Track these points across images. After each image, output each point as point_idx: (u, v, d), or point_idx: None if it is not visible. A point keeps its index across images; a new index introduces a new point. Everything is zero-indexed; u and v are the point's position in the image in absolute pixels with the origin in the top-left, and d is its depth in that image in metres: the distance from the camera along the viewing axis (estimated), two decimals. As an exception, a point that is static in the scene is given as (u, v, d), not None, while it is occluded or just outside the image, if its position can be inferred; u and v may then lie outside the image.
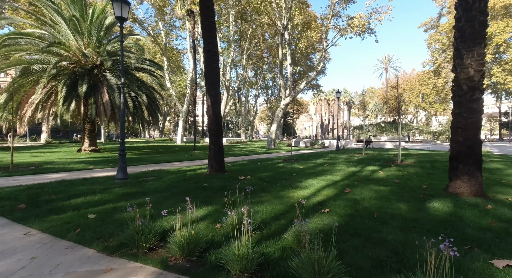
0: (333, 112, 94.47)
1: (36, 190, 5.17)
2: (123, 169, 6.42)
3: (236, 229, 2.86)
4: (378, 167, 8.03)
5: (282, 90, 23.10)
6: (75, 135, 41.48)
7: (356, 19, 22.08)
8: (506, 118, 56.74)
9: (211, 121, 7.37)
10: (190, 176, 7.03)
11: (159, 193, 4.99)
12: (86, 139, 14.59)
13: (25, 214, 3.72)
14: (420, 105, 63.13)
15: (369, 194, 4.42)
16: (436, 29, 42.63)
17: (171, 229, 3.06)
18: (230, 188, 5.32)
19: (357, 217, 3.25)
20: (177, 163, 10.79)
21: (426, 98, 61.11)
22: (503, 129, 60.68)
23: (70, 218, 3.53)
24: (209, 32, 7.27)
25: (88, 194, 4.84)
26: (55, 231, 3.12)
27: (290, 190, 5.00)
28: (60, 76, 12.82)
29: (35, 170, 7.79)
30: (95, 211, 3.84)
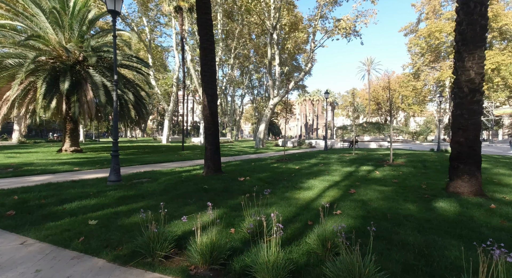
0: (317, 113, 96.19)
1: (22, 194, 4.78)
2: (116, 171, 6.10)
3: (256, 234, 2.78)
4: (372, 167, 8.21)
5: (270, 90, 23.14)
6: (51, 135, 39.23)
7: (343, 21, 22.55)
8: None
9: (207, 120, 7.19)
10: (186, 177, 6.82)
11: (159, 196, 4.78)
12: (67, 138, 13.80)
13: (16, 221, 3.41)
14: (400, 106, 65.73)
15: (374, 194, 4.48)
16: (415, 34, 44.54)
17: (185, 235, 2.92)
18: (232, 190, 5.22)
19: (370, 218, 3.26)
20: (168, 163, 10.46)
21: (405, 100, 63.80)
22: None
23: (70, 225, 3.28)
24: (206, 29, 7.09)
25: (82, 198, 4.54)
26: (55, 239, 2.88)
27: (294, 191, 4.97)
28: (39, 72, 12.02)
29: (14, 172, 7.23)
30: (95, 217, 3.59)
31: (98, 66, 13.64)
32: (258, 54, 35.54)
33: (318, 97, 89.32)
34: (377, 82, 74.80)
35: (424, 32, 40.27)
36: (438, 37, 39.07)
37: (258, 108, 50.86)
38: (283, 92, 23.94)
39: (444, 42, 39.76)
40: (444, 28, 38.24)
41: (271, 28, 20.46)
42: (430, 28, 39.44)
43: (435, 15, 42.31)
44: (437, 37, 39.11)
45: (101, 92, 12.29)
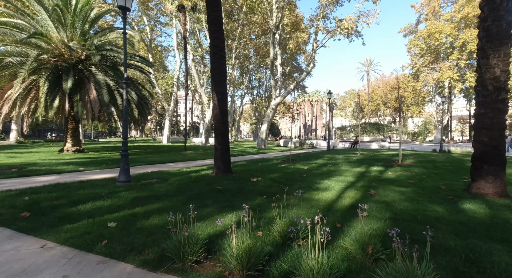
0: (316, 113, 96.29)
1: (33, 195, 4.63)
2: (125, 171, 5.97)
3: (288, 237, 2.66)
4: (383, 168, 8.14)
5: (272, 90, 23.05)
6: (49, 134, 38.80)
7: (345, 21, 22.53)
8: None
9: (217, 119, 7.07)
10: (196, 178, 6.70)
11: (173, 197, 4.65)
12: (69, 138, 13.60)
13: (31, 223, 3.27)
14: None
15: (395, 196, 4.39)
16: (414, 35, 44.67)
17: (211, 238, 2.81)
18: (246, 191, 5.10)
19: (400, 221, 3.17)
20: (173, 164, 10.33)
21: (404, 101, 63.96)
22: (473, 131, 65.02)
23: (88, 228, 3.15)
24: (216, 26, 6.97)
25: (95, 199, 4.40)
26: (76, 243, 2.75)
27: (312, 192, 4.86)
28: (41, 70, 11.83)
29: (19, 173, 7.05)
30: (112, 219, 3.46)
31: (101, 65, 13.46)
32: (258, 54, 35.44)
33: (317, 97, 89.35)
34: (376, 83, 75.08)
35: (423, 33, 40.39)
36: (438, 38, 39.18)
37: (258, 109, 50.76)
38: (285, 92, 23.86)
39: (443, 43, 39.87)
40: (444, 29, 38.36)
41: (274, 27, 20.37)
42: (430, 29, 39.57)
43: (434, 16, 42.45)
44: (437, 38, 39.22)
45: (104, 91, 12.12)
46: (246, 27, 26.55)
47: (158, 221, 3.40)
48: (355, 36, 25.52)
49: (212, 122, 32.86)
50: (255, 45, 32.64)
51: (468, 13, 35.86)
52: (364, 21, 23.64)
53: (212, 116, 26.18)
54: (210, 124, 25.77)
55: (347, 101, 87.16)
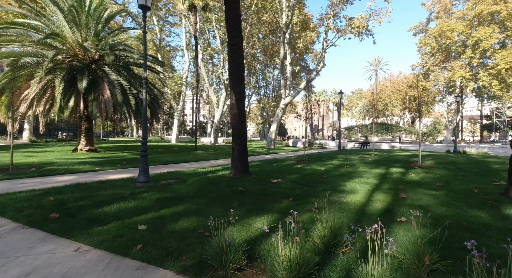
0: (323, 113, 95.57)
1: (57, 195, 4.61)
2: (145, 172, 5.93)
3: (330, 244, 2.54)
4: (403, 169, 7.93)
5: (282, 89, 22.88)
6: (60, 134, 39.42)
7: (356, 19, 22.21)
8: (487, 120, 59.40)
9: (235, 119, 6.98)
10: (214, 178, 6.62)
11: (196, 199, 4.57)
12: (82, 138, 13.72)
13: (61, 225, 3.22)
14: (407, 107, 65.03)
15: (428, 199, 4.22)
16: (425, 33, 43.85)
17: (249, 244, 2.70)
18: (270, 193, 4.99)
19: (444, 227, 3.00)
20: (186, 164, 10.29)
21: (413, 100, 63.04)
22: (484, 131, 63.61)
23: (119, 230, 3.08)
24: (234, 24, 6.88)
25: (118, 200, 4.35)
26: (110, 246, 2.68)
27: (338, 194, 4.72)
28: (56, 71, 11.95)
29: (39, 172, 7.10)
30: (141, 221, 3.39)
31: (114, 65, 13.54)
32: (266, 54, 35.26)
33: (324, 97, 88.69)
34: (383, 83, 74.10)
35: (434, 31, 39.56)
36: (450, 37, 38.32)
37: (265, 108, 50.62)
38: (295, 92, 23.67)
39: (455, 41, 38.97)
40: (456, 27, 37.50)
41: (284, 26, 20.20)
42: (441, 27, 38.73)
43: (446, 14, 41.54)
44: (449, 36, 38.36)
45: (118, 91, 12.17)
46: (254, 26, 26.43)
47: (187, 224, 3.32)
48: (366, 35, 25.18)
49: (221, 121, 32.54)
50: (263, 45, 32.49)
51: (482, 10, 34.98)
52: (375, 19, 23.27)
53: (220, 116, 26.19)
54: (218, 124, 25.76)
55: (354, 101, 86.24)
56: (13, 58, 11.10)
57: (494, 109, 52.82)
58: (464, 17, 38.23)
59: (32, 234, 3.01)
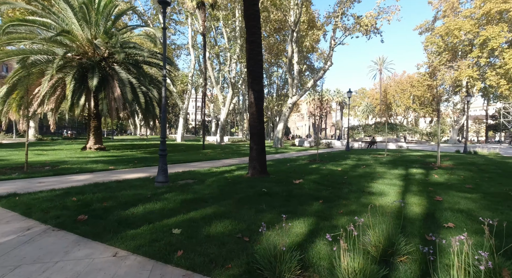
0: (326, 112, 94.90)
1: (78, 195, 4.50)
2: (164, 171, 5.80)
3: (387, 253, 2.39)
4: (423, 170, 7.76)
5: (289, 88, 22.69)
6: (65, 132, 39.45)
7: (365, 17, 21.95)
8: (493, 120, 58.83)
9: (253, 118, 6.83)
10: (232, 179, 6.48)
11: (222, 201, 4.43)
12: (91, 136, 13.64)
13: (92, 227, 3.10)
14: (411, 107, 64.59)
15: (467, 203, 4.06)
16: (431, 32, 43.39)
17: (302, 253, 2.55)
18: (295, 194, 4.85)
19: (501, 235, 2.84)
20: (197, 163, 10.18)
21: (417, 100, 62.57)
22: (490, 131, 63.04)
23: (154, 234, 2.96)
24: (253, 21, 6.73)
25: (142, 201, 4.23)
26: (149, 252, 2.55)
27: (368, 197, 4.58)
28: (66, 68, 11.86)
29: (54, 171, 7.01)
30: (172, 224, 3.27)
31: (123, 63, 13.42)
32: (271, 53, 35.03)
33: (327, 96, 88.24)
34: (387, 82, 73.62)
35: (441, 30, 39.08)
36: (457, 35, 37.85)
37: (269, 107, 50.43)
38: (302, 91, 23.48)
39: (462, 40, 38.48)
40: (464, 26, 37.02)
41: (293, 25, 19.99)
42: (449, 26, 38.25)
43: (453, 13, 41.03)
44: (456, 35, 37.89)
45: (128, 89, 12.06)
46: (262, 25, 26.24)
47: (222, 228, 3.18)
48: (374, 33, 24.92)
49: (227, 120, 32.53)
50: (268, 43, 32.26)
51: (490, 8, 34.52)
52: (384, 17, 23.00)
53: (226, 115, 26.05)
54: (225, 123, 25.62)
55: (357, 100, 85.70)
56: (24, 55, 11.01)
57: (500, 109, 52.27)
58: (471, 15, 37.77)
59: (64, 237, 2.89)
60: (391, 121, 67.04)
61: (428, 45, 43.35)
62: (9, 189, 4.87)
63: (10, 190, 4.77)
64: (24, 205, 3.85)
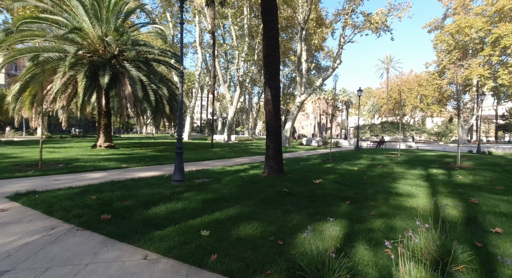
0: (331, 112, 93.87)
1: (97, 194, 4.40)
2: (180, 170, 5.68)
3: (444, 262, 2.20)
4: (443, 170, 7.51)
5: (298, 87, 22.46)
6: (73, 130, 39.80)
7: (376, 14, 21.57)
8: (503, 120, 57.60)
9: (270, 116, 6.67)
10: (249, 178, 6.34)
11: (244, 201, 4.29)
12: (101, 134, 13.63)
13: (117, 228, 2.98)
14: (419, 106, 63.73)
15: (505, 206, 3.85)
16: (440, 30, 42.61)
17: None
18: (319, 194, 4.68)
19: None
20: (209, 161, 10.07)
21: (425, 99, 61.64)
22: (499, 131, 61.74)
23: (181, 236, 2.82)
24: (271, 16, 6.55)
25: (163, 201, 4.11)
26: (181, 255, 2.41)
27: (396, 198, 4.39)
28: (77, 66, 11.84)
29: (68, 169, 6.95)
30: (198, 225, 3.14)
31: (133, 60, 13.37)
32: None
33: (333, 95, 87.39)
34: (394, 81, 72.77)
35: (452, 28, 38.28)
36: (468, 33, 37.06)
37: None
38: (311, 89, 23.22)
39: (473, 38, 37.66)
40: (475, 23, 36.20)
41: (302, 22, 19.73)
42: (459, 24, 37.44)
43: (463, 10, 40.18)
44: (467, 33, 37.10)
45: (138, 86, 11.99)
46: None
47: (251, 230, 3.03)
48: (383, 31, 24.51)
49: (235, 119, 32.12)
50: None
51: (504, 5, 33.69)
52: (395, 14, 22.59)
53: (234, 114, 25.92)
54: (232, 121, 25.50)
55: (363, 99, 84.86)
56: (36, 53, 11.01)
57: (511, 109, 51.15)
58: (483, 13, 36.96)
59: (90, 237, 2.77)
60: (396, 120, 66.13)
61: (437, 43, 42.57)
62: (27, 187, 4.81)
63: (28, 188, 4.70)
64: (45, 203, 3.75)
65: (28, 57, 11.45)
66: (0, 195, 4.24)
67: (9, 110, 11.08)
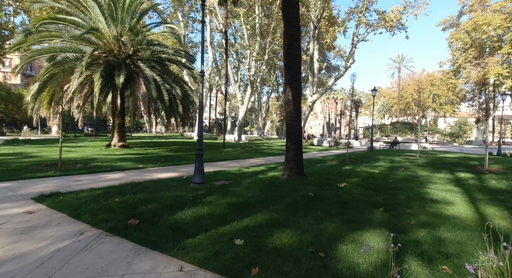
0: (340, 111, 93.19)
1: (119, 196, 4.32)
2: (201, 172, 5.56)
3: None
4: (471, 174, 7.16)
5: (310, 86, 22.14)
6: (86, 129, 40.50)
7: (391, 12, 21.04)
8: (521, 120, 55.56)
9: (291, 117, 6.48)
10: (269, 180, 6.17)
11: (271, 206, 4.12)
12: (115, 133, 13.72)
13: (146, 234, 2.87)
14: (431, 106, 62.26)
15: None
16: (456, 28, 41.40)
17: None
18: (347, 200, 4.47)
19: None
20: (223, 162, 9.96)
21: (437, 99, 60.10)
22: (517, 132, 59.62)
23: (215, 245, 2.68)
24: (292, 13, 6.36)
25: (188, 205, 3.98)
26: (218, 267, 2.27)
27: (433, 205, 4.14)
28: (93, 66, 11.92)
29: (87, 169, 6.95)
30: (230, 233, 2.99)
31: (147, 60, 13.38)
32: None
33: (342, 95, 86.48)
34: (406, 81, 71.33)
35: (468, 25, 37.07)
36: (486, 31, 35.85)
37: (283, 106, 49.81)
38: (323, 89, 22.87)
39: (491, 36, 36.40)
40: (494, 21, 34.96)
41: (315, 20, 19.41)
42: (476, 21, 36.24)
43: (481, 7, 38.88)
44: (485, 30, 35.89)
45: (152, 86, 11.98)
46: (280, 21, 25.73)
47: (287, 239, 2.86)
48: (398, 29, 23.93)
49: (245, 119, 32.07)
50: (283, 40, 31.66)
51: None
52: (411, 12, 22.00)
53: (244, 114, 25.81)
54: (243, 121, 25.40)
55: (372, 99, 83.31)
56: (53, 53, 11.13)
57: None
58: (501, 9, 35.68)
59: (120, 244, 2.66)
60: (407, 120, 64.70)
61: (453, 42, 41.38)
62: (50, 187, 4.78)
63: (51, 189, 4.67)
64: (70, 206, 3.68)
65: (45, 57, 11.61)
66: (26, 196, 4.21)
67: (28, 110, 11.26)
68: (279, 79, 49.53)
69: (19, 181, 5.25)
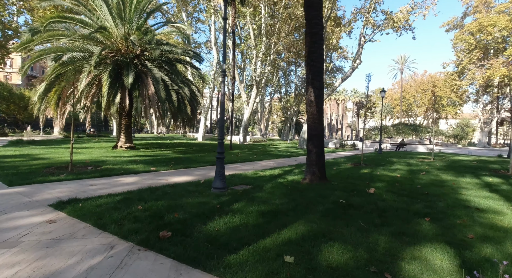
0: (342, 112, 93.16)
1: (140, 202, 4.05)
2: (221, 177, 5.27)
3: None
4: (500, 179, 6.90)
5: (316, 87, 21.88)
6: (88, 129, 40.16)
7: (400, 12, 20.82)
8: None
9: (313, 118, 6.20)
10: (292, 185, 5.88)
11: (305, 214, 3.85)
12: (122, 135, 13.44)
13: (184, 249, 2.59)
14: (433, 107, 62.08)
15: None
16: (459, 29, 41.25)
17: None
18: (384, 208, 4.19)
19: None
20: (236, 165, 9.67)
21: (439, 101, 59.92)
22: (520, 134, 59.38)
23: (262, 263, 2.40)
24: (316, 10, 6.10)
25: (217, 214, 3.70)
26: (276, 290, 1.98)
27: (482, 215, 3.88)
28: (101, 66, 11.65)
29: (99, 172, 6.66)
30: (274, 247, 2.72)
31: (155, 60, 13.12)
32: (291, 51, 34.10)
33: (344, 96, 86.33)
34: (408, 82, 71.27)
35: (472, 26, 36.89)
36: (491, 32, 35.66)
37: (286, 107, 49.54)
38: (329, 90, 22.61)
39: (496, 37, 36.22)
40: (499, 21, 34.78)
41: (323, 21, 19.15)
42: (481, 22, 36.06)
43: (485, 8, 38.71)
44: (490, 32, 35.70)
45: (161, 86, 11.72)
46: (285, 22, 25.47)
47: (339, 256, 2.58)
48: (404, 30, 23.69)
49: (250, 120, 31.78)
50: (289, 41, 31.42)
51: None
52: (419, 12, 21.78)
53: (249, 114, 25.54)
54: (248, 122, 25.13)
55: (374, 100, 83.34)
56: (60, 53, 10.88)
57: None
58: (505, 11, 35.51)
59: (157, 262, 2.38)
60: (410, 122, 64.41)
61: (457, 43, 41.22)
62: (66, 193, 4.51)
63: (67, 194, 4.40)
64: (93, 215, 3.40)
65: (52, 56, 11.35)
66: (42, 202, 3.93)
67: (34, 110, 10.99)
68: (281, 80, 49.30)
69: (32, 186, 4.97)
